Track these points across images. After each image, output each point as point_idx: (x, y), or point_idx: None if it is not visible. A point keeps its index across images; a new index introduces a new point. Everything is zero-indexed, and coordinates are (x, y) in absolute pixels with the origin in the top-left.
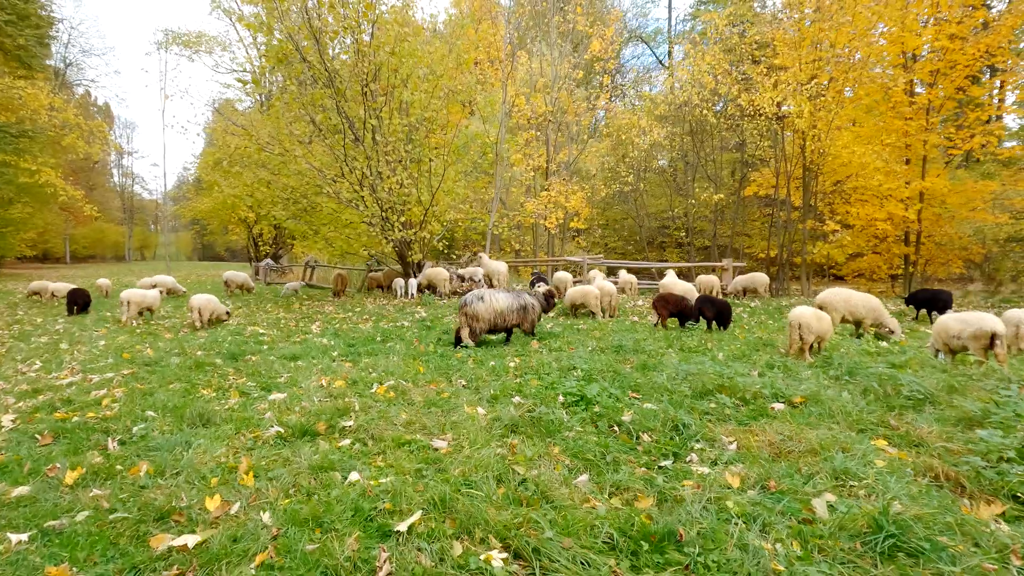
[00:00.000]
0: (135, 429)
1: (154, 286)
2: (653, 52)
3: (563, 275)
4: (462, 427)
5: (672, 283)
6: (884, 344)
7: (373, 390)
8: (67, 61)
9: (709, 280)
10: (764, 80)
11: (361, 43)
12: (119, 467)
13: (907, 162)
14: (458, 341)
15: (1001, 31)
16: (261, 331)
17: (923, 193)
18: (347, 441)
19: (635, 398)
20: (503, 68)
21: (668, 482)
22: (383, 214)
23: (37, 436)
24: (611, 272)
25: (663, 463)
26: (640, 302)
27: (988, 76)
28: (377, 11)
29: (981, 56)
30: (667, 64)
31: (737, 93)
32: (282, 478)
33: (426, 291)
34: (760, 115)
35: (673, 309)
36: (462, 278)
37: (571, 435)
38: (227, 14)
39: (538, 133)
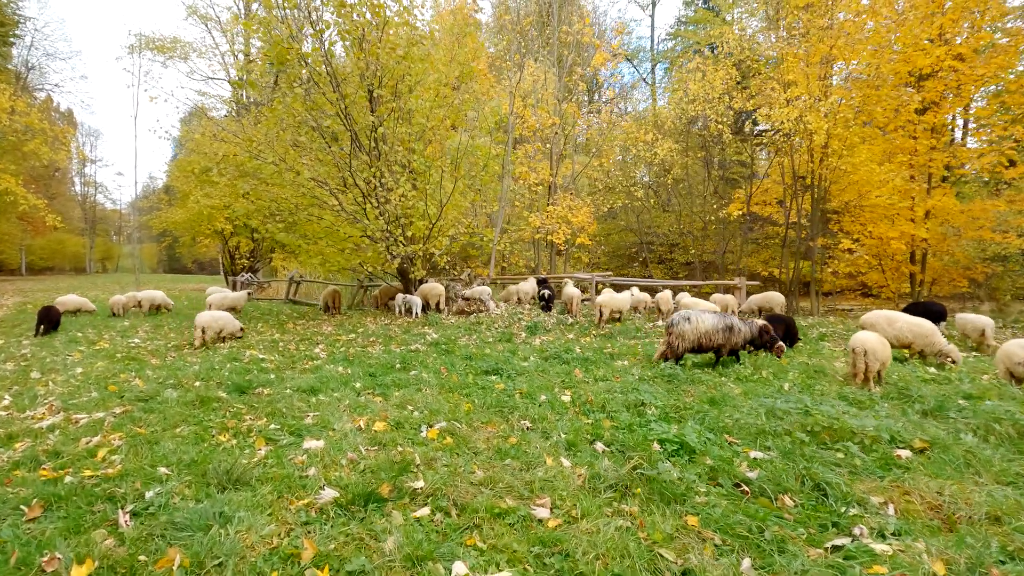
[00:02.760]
0: (149, 495)
1: (138, 304)
2: (636, 69)
3: (572, 290)
4: (555, 486)
5: (693, 303)
6: (932, 370)
7: (423, 434)
8: (29, 64)
9: (724, 299)
10: (778, 96)
11: (374, 44)
12: (142, 557)
13: (912, 179)
14: (665, 359)
15: (1009, 52)
16: (261, 356)
17: (929, 212)
18: (425, 510)
19: (733, 443)
20: (511, 78)
21: (862, 571)
22: (387, 228)
23: (23, 507)
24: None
25: (836, 541)
26: (662, 322)
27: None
28: (386, 13)
29: (991, 76)
30: (649, 81)
31: (752, 107)
32: (369, 574)
33: (432, 310)
34: (777, 131)
35: None
36: (467, 297)
37: (701, 500)
38: (203, 20)
39: (548, 145)
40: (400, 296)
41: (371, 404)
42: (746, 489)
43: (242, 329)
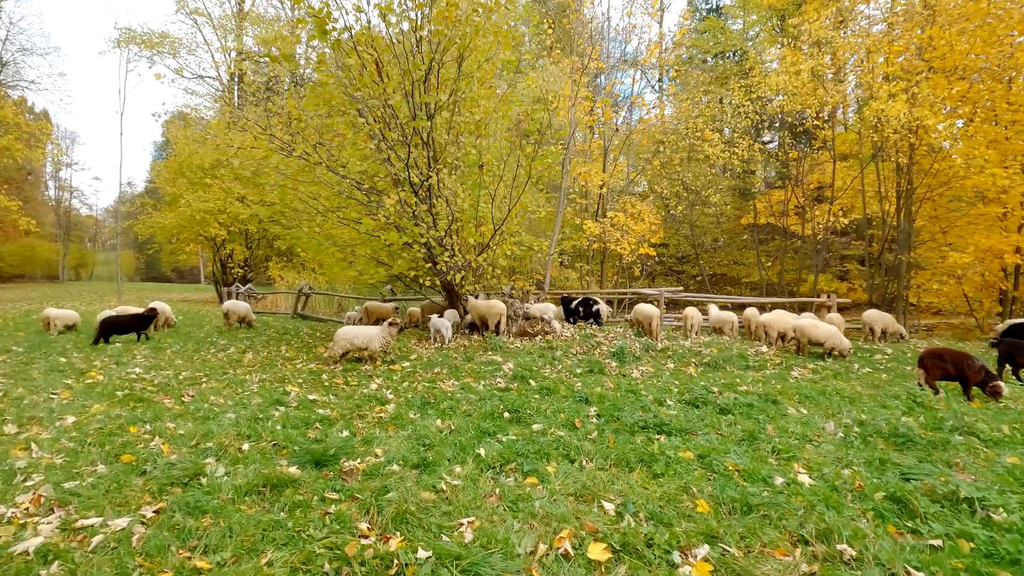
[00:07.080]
0: None
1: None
2: (646, 76)
3: (651, 309)
4: None
5: (812, 324)
6: None
7: (684, 571)
8: (3, 60)
9: (832, 318)
10: (881, 89)
11: (451, 10)
12: None
13: None
14: None
15: None
16: (311, 397)
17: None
18: None
19: None
20: (573, 67)
21: None
22: (442, 236)
23: None
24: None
25: None
26: (764, 348)
27: None
28: None
29: None
30: (657, 88)
31: (852, 102)
32: None
33: (490, 332)
34: (885, 128)
35: (952, 370)
36: (526, 316)
37: None
38: (193, 14)
39: (616, 141)
40: (450, 312)
41: (531, 493)
42: None
43: (396, 329)
